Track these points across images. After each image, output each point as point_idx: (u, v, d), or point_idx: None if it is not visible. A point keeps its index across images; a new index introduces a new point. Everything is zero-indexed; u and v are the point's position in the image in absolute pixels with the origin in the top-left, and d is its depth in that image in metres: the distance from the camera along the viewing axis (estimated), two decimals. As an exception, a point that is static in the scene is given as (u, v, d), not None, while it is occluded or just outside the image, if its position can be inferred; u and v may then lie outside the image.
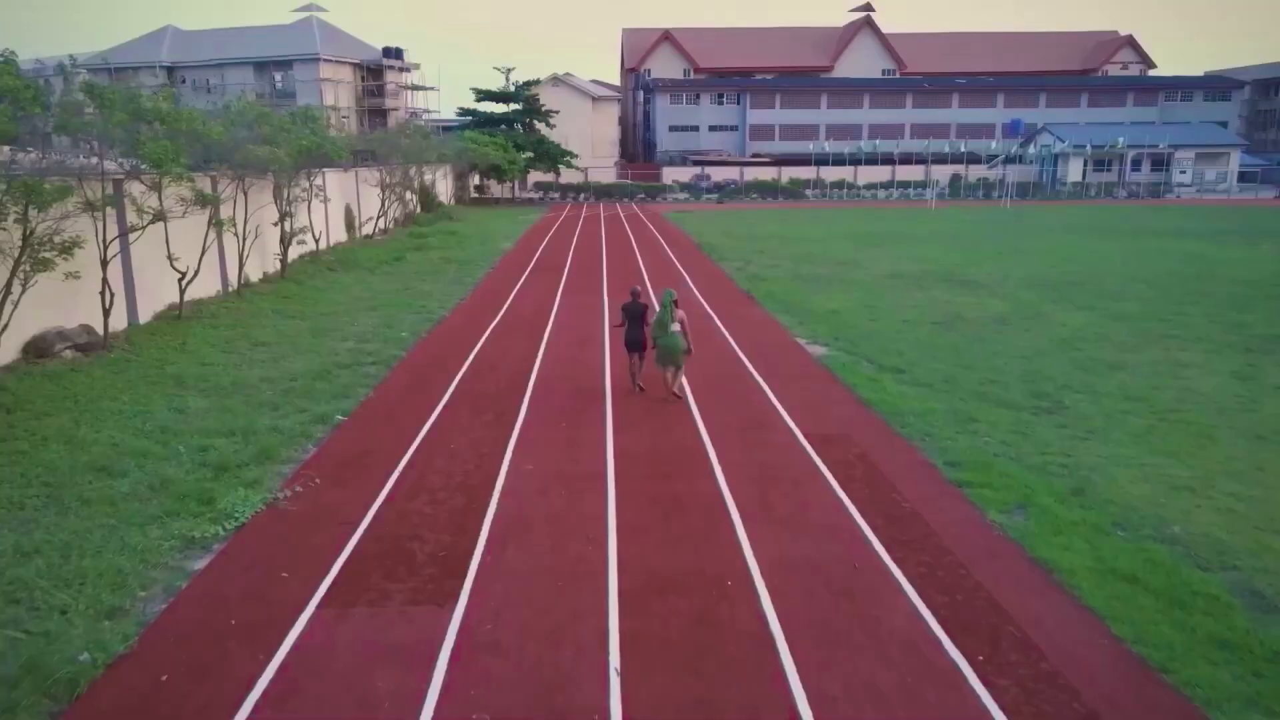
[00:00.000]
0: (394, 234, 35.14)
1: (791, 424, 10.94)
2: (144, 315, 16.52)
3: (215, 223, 17.04)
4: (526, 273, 25.62)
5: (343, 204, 31.18)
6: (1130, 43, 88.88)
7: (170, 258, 16.24)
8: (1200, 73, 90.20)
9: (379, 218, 34.48)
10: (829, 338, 16.10)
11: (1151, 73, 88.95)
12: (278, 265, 22.62)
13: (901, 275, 24.32)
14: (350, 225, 31.81)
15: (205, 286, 19.27)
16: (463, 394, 12.35)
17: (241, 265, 19.82)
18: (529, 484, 8.93)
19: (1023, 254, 29.51)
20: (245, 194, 19.74)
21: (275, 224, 22.03)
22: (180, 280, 16.73)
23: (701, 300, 20.30)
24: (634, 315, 11.93)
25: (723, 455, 9.77)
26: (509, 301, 20.43)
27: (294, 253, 24.60)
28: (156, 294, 16.99)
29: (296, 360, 14.15)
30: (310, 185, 24.82)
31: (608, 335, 16.32)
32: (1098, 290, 21.29)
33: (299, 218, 23.93)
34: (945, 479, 9.01)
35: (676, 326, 11.27)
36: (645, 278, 24.39)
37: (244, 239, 19.61)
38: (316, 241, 25.87)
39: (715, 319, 18.04)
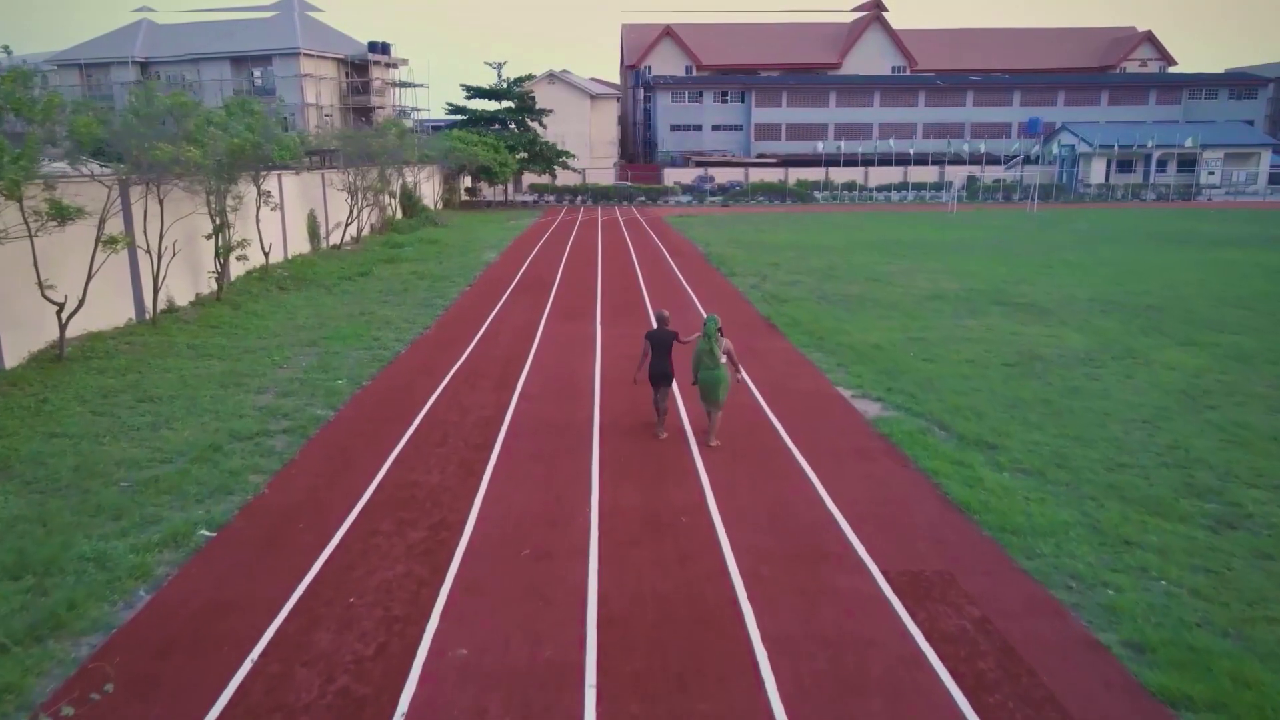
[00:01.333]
0: (366, 243, 31.62)
1: (859, 548, 7.47)
2: (14, 357, 13.09)
3: (104, 240, 13.55)
4: (509, 291, 22.11)
5: (305, 210, 27.67)
6: (1149, 39, 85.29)
7: (41, 284, 12.80)
8: (1220, 70, 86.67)
9: (348, 225, 30.96)
10: (880, 387, 12.61)
11: (1172, 69, 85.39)
12: (216, 285, 19.17)
13: (944, 295, 20.81)
14: (314, 234, 28.29)
15: (113, 314, 15.85)
16: (390, 488, 8.87)
17: (157, 289, 16.34)
18: (455, 693, 5.45)
19: (1074, 267, 25.97)
20: (161, 202, 16.29)
21: (208, 237, 18.58)
22: (59, 312, 13.28)
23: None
24: (661, 343, 10.30)
25: (765, 619, 6.30)
26: (482, 331, 16.94)
27: (240, 268, 21.19)
28: (38, 328, 13.57)
29: (185, 425, 10.67)
30: (259, 190, 21.43)
31: (598, 386, 12.85)
32: (1188, 317, 17.76)
33: (244, 228, 20.48)
34: (1140, 686, 5.51)
35: (724, 359, 9.89)
36: (646, 298, 20.91)
37: (159, 257, 16.15)
38: (266, 255, 22.40)
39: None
